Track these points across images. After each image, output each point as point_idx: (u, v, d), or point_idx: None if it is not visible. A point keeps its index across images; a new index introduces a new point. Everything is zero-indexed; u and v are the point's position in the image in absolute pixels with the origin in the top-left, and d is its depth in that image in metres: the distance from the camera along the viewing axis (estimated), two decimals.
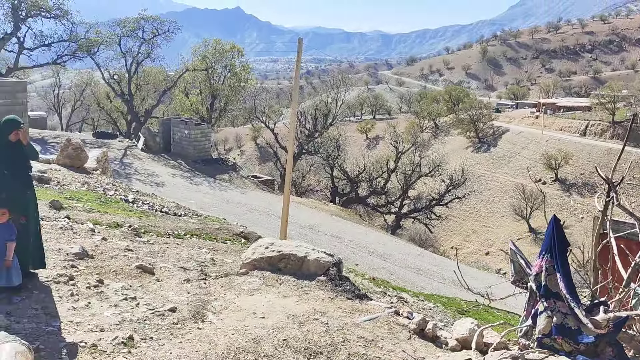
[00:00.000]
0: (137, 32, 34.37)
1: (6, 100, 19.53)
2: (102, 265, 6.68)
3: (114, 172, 21.83)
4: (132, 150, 29.20)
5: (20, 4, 30.69)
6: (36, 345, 4.19)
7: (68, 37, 32.47)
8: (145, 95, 41.95)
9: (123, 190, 16.29)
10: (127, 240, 8.62)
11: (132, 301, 5.54)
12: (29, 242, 5.56)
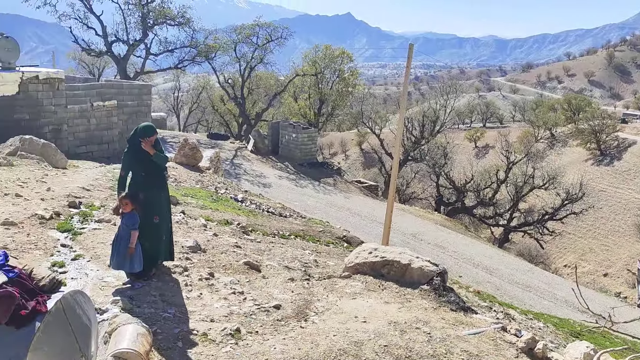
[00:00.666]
0: (251, 38, 35.85)
1: (134, 101, 21.23)
2: (213, 259, 7.02)
3: (225, 172, 22.89)
4: (242, 152, 30.47)
5: (148, 12, 33.20)
6: (154, 329, 4.48)
7: (189, 43, 34.61)
8: (257, 99, 43.59)
9: (233, 190, 17.04)
10: (236, 237, 9.00)
11: (240, 295, 5.77)
12: (161, 239, 5.99)
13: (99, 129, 19.60)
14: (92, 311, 3.08)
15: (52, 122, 17.72)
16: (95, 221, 8.16)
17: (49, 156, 13.18)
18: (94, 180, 11.29)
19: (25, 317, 2.55)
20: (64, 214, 8.30)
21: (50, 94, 17.53)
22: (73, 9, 32.66)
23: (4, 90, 16.42)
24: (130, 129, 20.61)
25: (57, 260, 6.13)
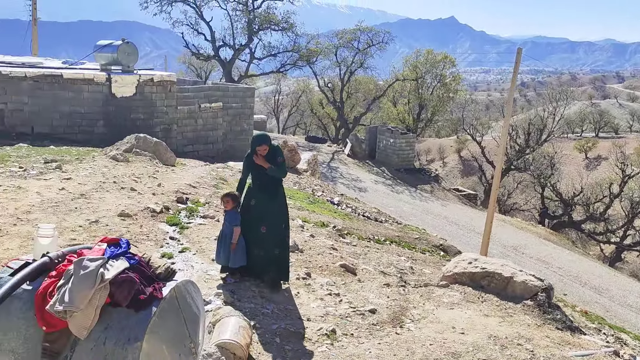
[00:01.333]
0: (352, 42, 36.15)
1: (238, 103, 22.10)
2: (310, 259, 7.13)
3: (322, 175, 23.21)
4: (339, 155, 30.74)
5: (254, 18, 34.52)
6: (254, 323, 4.63)
7: (291, 48, 35.55)
8: (355, 103, 43.81)
9: (329, 192, 17.23)
10: (332, 239, 9.08)
11: (336, 297, 5.81)
12: (270, 252, 5.70)
13: (205, 129, 20.60)
14: (201, 301, 3.23)
15: (164, 122, 18.87)
16: (201, 217, 8.58)
17: (160, 154, 14.03)
18: (200, 178, 11.86)
19: (143, 301, 2.71)
20: (172, 208, 8.80)
21: (163, 95, 18.68)
22: (185, 15, 34.71)
23: (123, 92, 17.73)
24: (234, 130, 21.58)
25: (166, 251, 6.50)
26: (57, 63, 20.68)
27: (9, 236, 6.55)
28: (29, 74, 16.23)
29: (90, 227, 7.19)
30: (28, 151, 12.56)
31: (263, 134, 5.91)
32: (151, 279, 2.89)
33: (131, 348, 2.61)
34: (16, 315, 2.76)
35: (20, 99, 16.06)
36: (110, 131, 17.11)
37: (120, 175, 10.38)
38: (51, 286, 2.74)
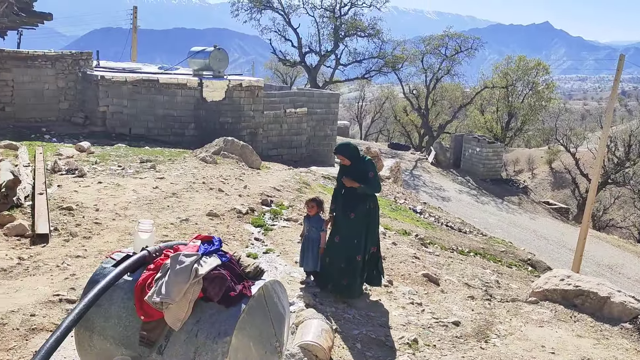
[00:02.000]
0: (440, 49, 35.52)
1: (322, 109, 22.34)
2: (392, 267, 7.06)
3: (404, 182, 22.93)
4: (422, 163, 30.26)
5: (341, 25, 34.81)
6: (335, 327, 4.64)
7: (377, 54, 35.47)
8: (440, 111, 43.00)
9: (412, 200, 16.99)
10: (414, 248, 8.94)
11: (418, 307, 5.70)
12: (337, 263, 5.51)
13: (289, 133, 20.98)
14: (286, 301, 3.28)
15: (250, 126, 19.42)
16: (284, 219, 8.73)
17: (246, 157, 14.44)
18: (284, 181, 12.08)
19: (233, 298, 2.80)
20: (257, 210, 9.03)
21: (250, 100, 19.24)
22: (274, 22, 35.58)
23: (213, 96, 18.44)
24: (318, 135, 21.83)
25: (251, 252, 6.67)
26: (154, 68, 21.87)
27: (109, 230, 6.98)
28: (128, 78, 17.29)
29: (181, 224, 7.52)
30: (126, 151, 13.36)
31: (343, 143, 5.70)
32: (241, 277, 2.98)
33: (221, 342, 2.69)
34: (118, 304, 2.93)
35: (120, 102, 17.13)
36: (200, 134, 17.84)
37: (209, 176, 10.78)
38: (149, 278, 2.89)
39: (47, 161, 10.53)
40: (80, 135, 15.94)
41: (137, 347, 2.85)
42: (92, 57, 18.69)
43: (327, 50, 35.56)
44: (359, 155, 5.55)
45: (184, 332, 2.77)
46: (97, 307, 2.84)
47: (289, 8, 35.07)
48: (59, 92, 17.79)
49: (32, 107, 17.34)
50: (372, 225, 5.65)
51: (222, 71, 19.56)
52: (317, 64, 36.00)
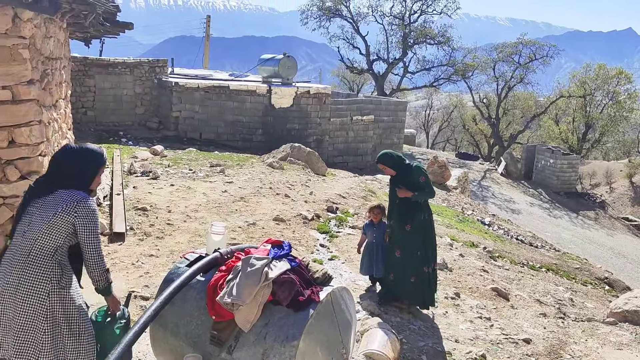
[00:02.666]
0: (513, 56, 34.48)
1: (389, 117, 22.21)
2: (459, 279, 6.89)
3: (472, 193, 22.36)
4: (491, 174, 29.41)
5: (410, 32, 34.52)
6: (400, 337, 4.57)
7: (447, 62, 34.88)
8: (512, 120, 41.66)
9: (480, 212, 16.53)
10: (482, 260, 8.69)
11: (486, 321, 5.53)
12: (404, 278, 5.28)
13: (355, 141, 20.99)
14: (353, 309, 3.26)
15: (317, 132, 19.58)
16: (350, 227, 8.72)
17: (312, 163, 14.56)
18: (349, 189, 12.08)
19: (302, 303, 2.82)
20: (322, 216, 9.07)
21: (317, 107, 19.41)
22: (342, 30, 35.79)
23: (281, 103, 18.75)
24: (384, 143, 21.71)
25: (317, 258, 6.70)
26: (225, 75, 22.50)
27: (180, 231, 7.22)
28: (200, 85, 17.88)
29: (248, 228, 7.67)
30: (196, 155, 13.79)
31: (386, 152, 5.45)
32: (309, 282, 2.99)
33: (289, 346, 2.71)
34: (191, 303, 3.02)
35: (192, 108, 17.74)
36: (268, 139, 18.17)
37: (276, 181, 10.94)
38: (221, 279, 2.96)
39: (124, 163, 11.03)
40: (154, 139, 16.62)
41: (207, 346, 2.92)
42: (167, 64, 19.49)
43: (395, 57, 35.33)
44: (404, 163, 5.29)
45: (253, 333, 2.82)
46: (171, 305, 2.94)
47: (358, 16, 35.16)
48: (136, 98, 18.65)
49: (112, 112, 18.27)
50: (429, 235, 5.40)
51: (291, 78, 19.86)
52: (385, 71, 35.84)
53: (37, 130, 5.57)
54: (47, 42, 6.24)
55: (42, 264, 2.69)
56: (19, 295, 2.63)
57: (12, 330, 2.62)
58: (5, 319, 2.64)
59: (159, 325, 3.08)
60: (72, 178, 2.80)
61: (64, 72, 7.60)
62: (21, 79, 5.39)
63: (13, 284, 2.64)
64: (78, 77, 17.20)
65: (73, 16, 7.32)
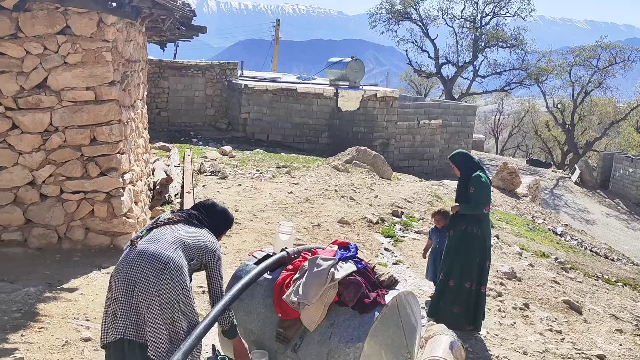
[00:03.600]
0: (590, 60, 32.94)
1: (457, 121, 21.78)
2: (528, 290, 6.65)
3: (543, 201, 21.53)
4: (564, 182, 28.21)
5: (481, 35, 33.68)
6: (466, 346, 4.46)
7: (519, 66, 33.76)
8: (588, 127, 39.76)
9: (551, 221, 15.91)
10: (553, 272, 8.36)
11: (557, 334, 5.31)
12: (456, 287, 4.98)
13: (422, 145, 20.72)
14: (419, 314, 3.23)
15: (383, 136, 19.47)
16: (415, 232, 8.62)
17: (377, 166, 14.49)
18: (415, 193, 11.93)
19: (367, 305, 2.81)
20: (387, 220, 9.01)
21: (384, 110, 19.31)
22: (411, 33, 35.40)
23: (348, 106, 18.79)
24: (451, 148, 21.28)
25: (381, 262, 6.66)
26: (292, 78, 22.81)
27: (247, 230, 7.38)
28: (269, 87, 18.22)
29: (313, 229, 7.73)
30: (263, 156, 14.06)
31: (458, 151, 5.22)
32: (375, 285, 2.98)
33: (353, 347, 2.72)
34: (258, 300, 3.08)
35: (260, 110, 18.10)
36: (333, 142, 18.26)
37: (341, 184, 10.97)
38: (288, 278, 3.00)
39: (194, 162, 11.41)
40: (223, 140, 17.08)
41: (272, 343, 2.97)
42: (237, 67, 19.98)
43: (465, 61, 34.59)
44: (470, 167, 4.98)
45: (318, 333, 2.84)
46: (239, 301, 3.01)
47: (427, 19, 34.69)
48: (206, 99, 19.24)
49: (184, 113, 18.94)
50: (461, 249, 4.94)
51: (358, 81, 19.86)
52: (454, 75, 35.15)
53: (116, 129, 5.86)
54: (128, 45, 6.55)
55: (177, 274, 2.68)
56: (167, 275, 2.64)
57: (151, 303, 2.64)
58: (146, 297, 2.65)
59: None
60: (213, 227, 2.96)
61: (141, 74, 7.96)
62: (104, 81, 5.69)
63: (162, 265, 2.65)
64: (153, 79, 17.95)
65: (151, 21, 7.65)
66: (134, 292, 2.58)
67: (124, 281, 2.62)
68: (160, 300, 2.55)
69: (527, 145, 52.92)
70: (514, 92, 40.89)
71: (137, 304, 2.57)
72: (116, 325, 2.60)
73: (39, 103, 5.51)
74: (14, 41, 5.35)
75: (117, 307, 2.63)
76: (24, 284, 4.88)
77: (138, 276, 2.59)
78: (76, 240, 5.82)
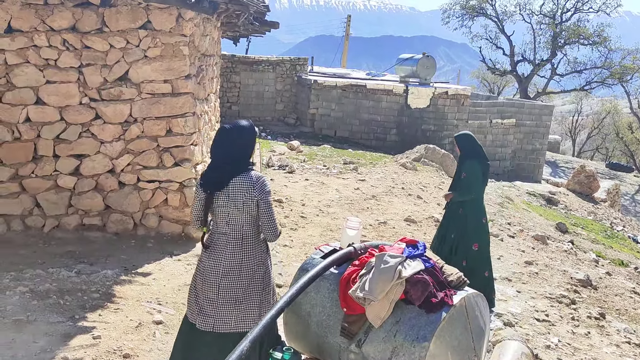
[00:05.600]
0: None
1: (532, 121, 20.96)
2: (605, 299, 6.32)
3: (623, 207, 20.41)
4: None
5: (561, 32, 32.20)
6: (536, 353, 4.30)
7: (602, 64, 32.03)
8: None
9: (632, 229, 15.05)
10: (633, 281, 7.90)
11: (636, 348, 5.02)
12: (477, 270, 4.99)
13: (493, 145, 20.10)
14: (487, 317, 3.13)
15: (453, 135, 19.04)
16: None
17: (446, 165, 14.20)
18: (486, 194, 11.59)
19: (434, 304, 2.76)
20: None
21: (455, 108, 18.87)
22: (486, 30, 34.36)
23: (417, 103, 18.50)
24: (525, 148, 20.58)
25: None
26: (362, 74, 22.71)
27: (313, 224, 7.43)
28: (338, 83, 18.22)
29: (379, 227, 7.68)
30: (331, 152, 14.09)
31: (464, 132, 5.48)
32: (443, 284, 2.92)
33: (419, 346, 2.67)
34: (323, 294, 3.09)
35: (329, 105, 18.15)
36: (402, 139, 18.04)
37: (408, 182, 10.83)
38: (354, 274, 2.99)
39: (263, 156, 11.60)
40: (291, 135, 17.27)
41: (337, 337, 2.97)
42: (307, 62, 20.13)
43: (542, 59, 33.18)
44: (470, 150, 5.19)
45: (383, 330, 2.81)
46: (305, 294, 3.03)
47: (504, 14, 33.54)
48: (276, 94, 19.52)
49: (254, 107, 19.30)
50: (452, 227, 5.16)
51: (429, 79, 19.52)
52: (530, 73, 33.81)
53: (191, 121, 6.05)
54: (204, 40, 6.74)
55: (254, 244, 3.05)
56: (244, 272, 3.00)
57: (230, 302, 3.00)
58: (224, 295, 3.01)
59: (292, 312, 3.19)
60: (240, 158, 3.01)
61: (215, 68, 8.18)
62: (180, 74, 5.89)
63: (236, 265, 3.00)
64: (225, 74, 18.39)
65: (227, 16, 7.84)
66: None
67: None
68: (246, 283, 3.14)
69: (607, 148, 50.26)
70: (595, 92, 38.90)
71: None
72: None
73: (121, 95, 5.77)
74: (100, 35, 5.63)
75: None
76: (102, 267, 5.14)
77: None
78: (150, 227, 6.07)
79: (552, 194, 14.93)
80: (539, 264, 7.10)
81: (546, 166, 24.28)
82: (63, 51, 5.60)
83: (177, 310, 4.53)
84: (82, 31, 5.60)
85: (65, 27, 5.56)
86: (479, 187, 5.15)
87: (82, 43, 5.62)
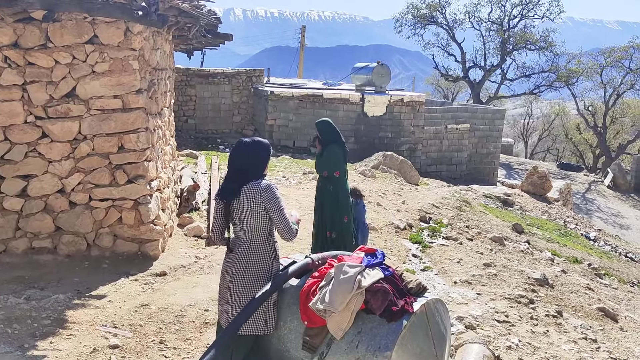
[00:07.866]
0: (623, 61, 32.15)
1: (485, 125, 21.46)
2: (561, 297, 6.47)
3: (575, 206, 21.06)
4: (596, 186, 27.55)
5: (509, 38, 33.18)
6: (498, 354, 4.35)
7: (548, 68, 33.12)
8: (620, 129, 38.77)
9: (584, 226, 15.54)
10: (587, 278, 8.13)
11: (592, 343, 5.14)
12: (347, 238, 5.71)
13: (449, 150, 20.48)
14: (448, 322, 3.14)
15: (410, 141, 19.31)
16: (443, 237, 8.48)
17: (404, 172, 14.36)
18: (443, 198, 11.77)
19: (395, 313, 2.75)
20: (415, 226, 8.89)
21: (411, 115, 19.15)
22: (437, 37, 35.10)
23: (374, 111, 18.69)
24: (480, 152, 21.03)
25: (409, 268, 6.55)
26: (318, 84, 22.81)
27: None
28: (295, 94, 18.24)
29: None
30: (290, 162, 14.05)
31: (324, 120, 6.05)
32: (403, 292, 2.91)
33: (381, 356, 2.65)
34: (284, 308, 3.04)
35: (286, 116, 18.13)
36: (360, 147, 18.17)
37: (368, 190, 10.88)
38: (314, 285, 2.95)
39: (221, 169, 11.46)
40: None
41: (299, 351, 2.92)
42: (263, 74, 20.08)
43: (492, 64, 34.11)
44: (332, 134, 5.81)
45: (345, 341, 2.78)
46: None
47: (454, 22, 34.36)
48: (233, 107, 19.37)
49: (211, 120, 19.10)
50: (329, 206, 5.71)
51: (384, 87, 19.76)
52: (482, 79, 34.70)
53: (144, 136, 5.91)
54: (155, 53, 6.62)
55: (261, 250, 3.16)
56: (248, 276, 3.11)
57: (236, 304, 3.11)
58: (235, 293, 3.15)
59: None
60: (254, 168, 3.19)
61: (168, 82, 8.03)
62: (131, 89, 5.75)
63: (241, 269, 3.14)
64: (180, 87, 18.14)
65: (178, 29, 7.72)
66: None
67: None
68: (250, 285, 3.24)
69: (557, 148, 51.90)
70: (543, 95, 40.18)
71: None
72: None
73: (68, 112, 5.59)
74: (44, 51, 5.45)
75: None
76: (54, 291, 4.94)
77: None
78: (104, 247, 5.88)
79: (507, 196, 15.27)
80: (497, 265, 7.22)
81: (501, 168, 24.86)
82: (5, 68, 5.39)
83: (134, 333, 4.38)
84: (24, 47, 5.41)
85: (7, 43, 5.37)
86: (343, 167, 5.80)
87: (25, 59, 5.43)
